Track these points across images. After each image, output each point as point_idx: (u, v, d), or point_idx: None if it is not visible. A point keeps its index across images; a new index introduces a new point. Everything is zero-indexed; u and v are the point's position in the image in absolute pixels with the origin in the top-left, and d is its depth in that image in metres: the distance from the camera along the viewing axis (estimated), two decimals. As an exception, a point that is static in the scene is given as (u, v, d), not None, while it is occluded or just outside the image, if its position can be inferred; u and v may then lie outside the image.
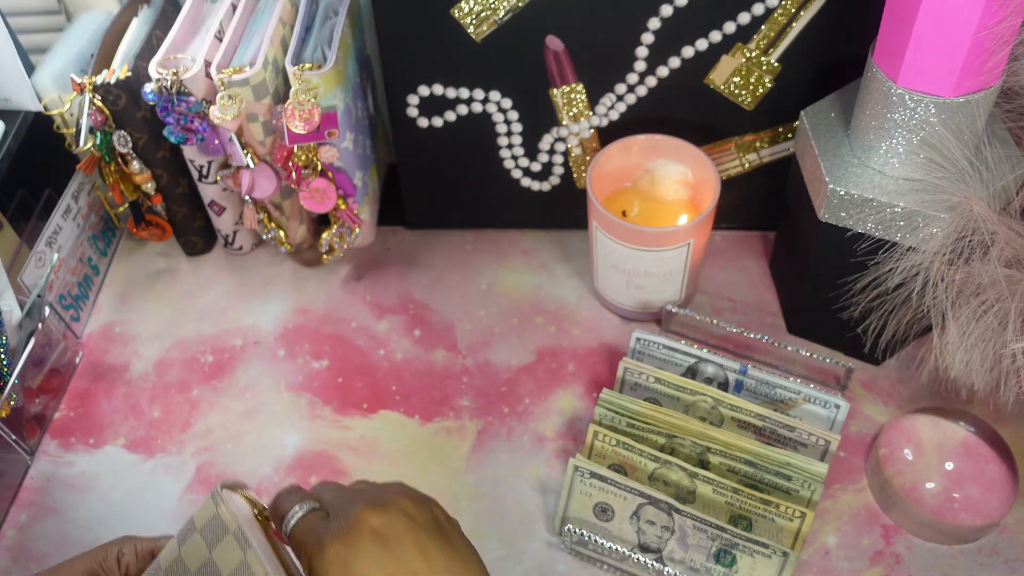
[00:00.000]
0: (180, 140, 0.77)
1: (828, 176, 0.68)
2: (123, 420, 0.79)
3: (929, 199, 0.65)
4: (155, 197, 0.85)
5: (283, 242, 0.85)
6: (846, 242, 0.69)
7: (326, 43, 0.75)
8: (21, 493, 0.75)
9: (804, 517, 0.63)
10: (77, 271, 0.86)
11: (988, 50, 0.60)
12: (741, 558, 0.63)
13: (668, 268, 0.77)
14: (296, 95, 0.72)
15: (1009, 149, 0.67)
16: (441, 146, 0.85)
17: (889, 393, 0.77)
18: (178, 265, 0.92)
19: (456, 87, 0.80)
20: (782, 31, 0.76)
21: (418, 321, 0.85)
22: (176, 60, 0.76)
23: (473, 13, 0.76)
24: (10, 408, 0.73)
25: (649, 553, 0.66)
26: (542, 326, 0.84)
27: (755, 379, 0.72)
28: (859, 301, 0.70)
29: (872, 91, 0.66)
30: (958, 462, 0.67)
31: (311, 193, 0.77)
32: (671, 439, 0.68)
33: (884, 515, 0.70)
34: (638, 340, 0.75)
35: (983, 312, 0.62)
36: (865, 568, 0.67)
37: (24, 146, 0.80)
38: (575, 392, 0.79)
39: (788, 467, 0.65)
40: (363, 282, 0.89)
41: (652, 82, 0.79)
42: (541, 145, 0.85)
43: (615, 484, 0.65)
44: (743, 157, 0.85)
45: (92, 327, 0.87)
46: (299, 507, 0.48)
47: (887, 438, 0.70)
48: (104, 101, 0.77)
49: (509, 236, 0.92)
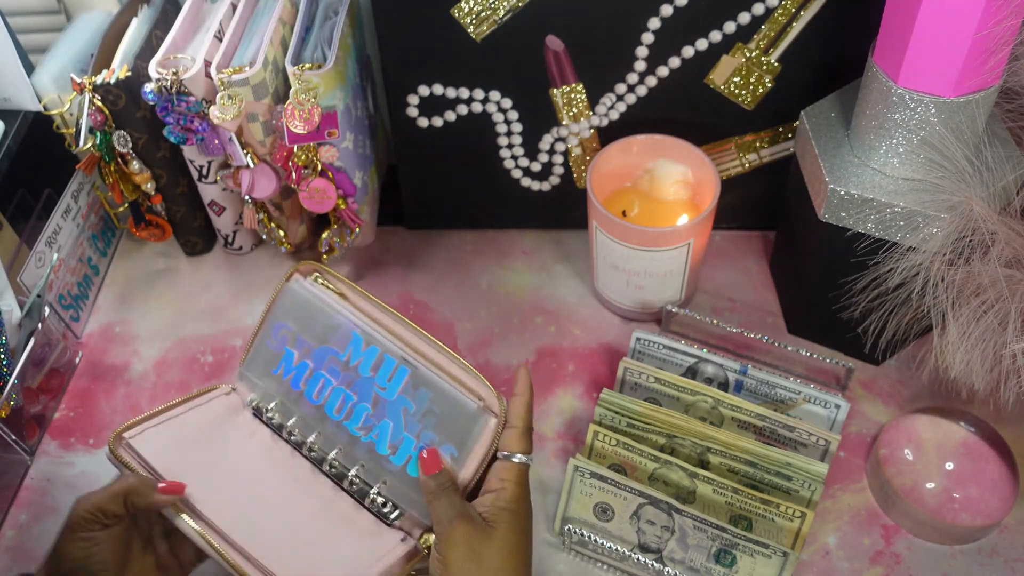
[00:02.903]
0: (180, 140, 0.77)
1: (828, 176, 0.68)
2: (123, 420, 0.79)
3: (929, 199, 0.65)
4: (155, 197, 0.85)
5: (283, 242, 0.85)
6: (846, 242, 0.69)
7: (326, 43, 0.75)
8: (21, 493, 0.75)
9: (804, 517, 0.63)
10: (77, 271, 0.86)
11: (988, 50, 0.60)
12: (741, 558, 0.63)
13: (668, 268, 0.77)
14: (296, 95, 0.72)
15: (1009, 149, 0.67)
16: (441, 146, 0.85)
17: (889, 393, 0.77)
18: (178, 265, 0.92)
19: (456, 87, 0.80)
20: (782, 31, 0.76)
21: (418, 321, 0.85)
22: (176, 60, 0.76)
23: (473, 13, 0.76)
24: (10, 408, 0.73)
25: (649, 553, 0.66)
26: (542, 326, 0.84)
27: (755, 379, 0.72)
28: (859, 301, 0.70)
29: (872, 91, 0.66)
30: (958, 462, 0.67)
31: (311, 193, 0.77)
32: (671, 439, 0.68)
33: (884, 515, 0.70)
34: (638, 340, 0.75)
35: (983, 312, 0.62)
36: (865, 568, 0.67)
37: (24, 146, 0.80)
38: (575, 392, 0.79)
39: (788, 467, 0.65)
40: (363, 282, 0.89)
41: (652, 82, 0.79)
42: (541, 145, 0.85)
43: (615, 484, 0.65)
44: (743, 157, 0.85)
45: (92, 327, 0.87)
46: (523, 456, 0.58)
47: (887, 438, 0.70)
48: (104, 101, 0.76)
49: (509, 236, 0.92)
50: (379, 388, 0.63)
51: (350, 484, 0.63)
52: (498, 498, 0.56)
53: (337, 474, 0.63)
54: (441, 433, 0.61)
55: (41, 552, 0.71)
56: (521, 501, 0.57)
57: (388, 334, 0.63)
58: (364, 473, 0.62)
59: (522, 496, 0.57)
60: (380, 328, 0.64)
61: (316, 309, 0.64)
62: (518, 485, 0.57)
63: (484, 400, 0.61)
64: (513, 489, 0.57)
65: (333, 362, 0.64)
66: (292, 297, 0.65)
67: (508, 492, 0.56)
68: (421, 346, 0.63)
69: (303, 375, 0.65)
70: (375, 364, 0.63)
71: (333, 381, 0.64)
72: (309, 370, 0.64)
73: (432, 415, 0.61)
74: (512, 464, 0.58)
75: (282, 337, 0.65)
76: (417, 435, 0.61)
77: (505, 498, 0.56)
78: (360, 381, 0.63)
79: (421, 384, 0.62)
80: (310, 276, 0.66)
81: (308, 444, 0.64)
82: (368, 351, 0.63)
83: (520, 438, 0.58)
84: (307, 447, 0.64)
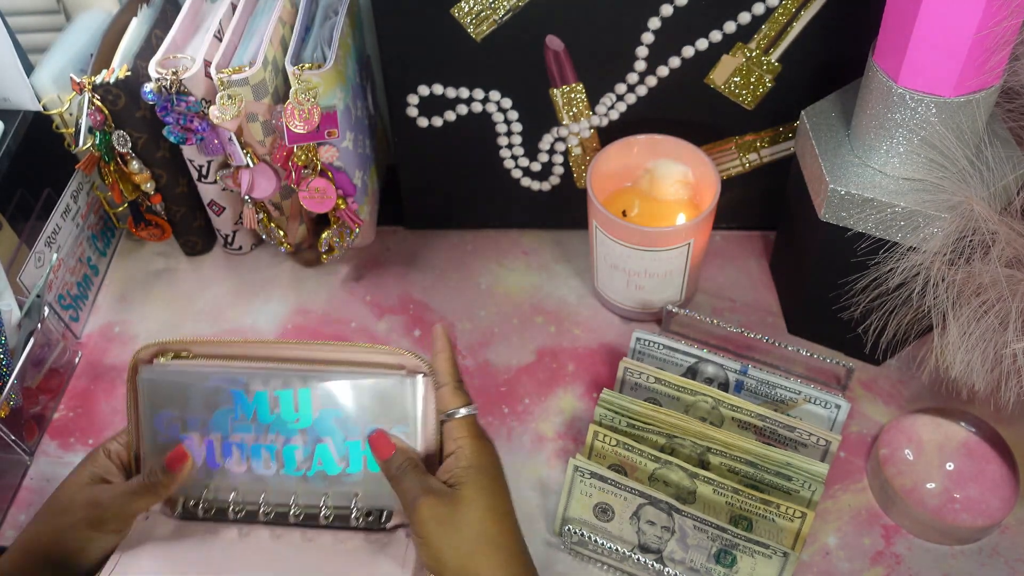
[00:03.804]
0: (180, 140, 0.77)
1: (828, 176, 0.68)
2: (123, 420, 0.79)
3: (930, 199, 0.65)
4: (154, 197, 0.85)
5: (283, 242, 0.85)
6: (846, 242, 0.69)
7: (326, 43, 0.75)
8: (20, 493, 0.75)
9: (804, 517, 0.63)
10: (76, 271, 0.86)
11: (989, 50, 0.60)
12: (742, 558, 0.63)
13: (668, 268, 0.77)
14: (296, 95, 0.72)
15: (1010, 149, 0.67)
16: (441, 146, 0.85)
17: (890, 393, 0.77)
18: (178, 265, 0.92)
19: (456, 87, 0.80)
20: (783, 31, 0.75)
21: (418, 321, 0.85)
22: (176, 60, 0.76)
23: (473, 13, 0.75)
24: (9, 408, 0.73)
25: (649, 553, 0.66)
26: (542, 326, 0.84)
27: (755, 379, 0.72)
28: (859, 301, 0.70)
29: (872, 91, 0.66)
30: (959, 462, 0.67)
31: (311, 193, 0.77)
32: (671, 439, 0.68)
33: (885, 515, 0.70)
34: (638, 340, 0.75)
35: (984, 312, 0.62)
36: (866, 568, 0.67)
37: (23, 146, 0.80)
38: (575, 392, 0.79)
39: (788, 467, 0.65)
40: (363, 282, 0.89)
41: (652, 82, 0.79)
42: (541, 145, 0.85)
43: (615, 484, 0.65)
44: (743, 157, 0.85)
45: (91, 327, 0.87)
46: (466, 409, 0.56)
47: (888, 438, 0.70)
48: (103, 101, 0.76)
49: (509, 236, 0.92)
50: (293, 422, 0.58)
51: (327, 519, 0.59)
52: (457, 459, 0.54)
53: (309, 517, 0.59)
54: (382, 420, 0.57)
55: (40, 552, 0.71)
56: (482, 453, 0.54)
57: (268, 365, 0.58)
58: (333, 500, 0.59)
59: (481, 448, 0.55)
60: (254, 366, 0.58)
61: (185, 385, 0.58)
62: (473, 438, 0.55)
63: (405, 367, 0.57)
64: (469, 444, 0.54)
65: (235, 423, 0.58)
66: (154, 387, 0.58)
67: (465, 449, 0.54)
68: (313, 354, 0.59)
69: (214, 452, 0.59)
70: (271, 404, 0.58)
71: (247, 441, 0.58)
72: (217, 442, 0.59)
73: (364, 409, 0.57)
74: (458, 421, 0.55)
75: (171, 427, 0.59)
76: (361, 435, 0.58)
77: (465, 456, 0.54)
78: (271, 426, 0.58)
79: (331, 391, 0.57)
80: (157, 359, 0.59)
81: (262, 511, 0.59)
82: (257, 397, 0.58)
83: (454, 393, 0.56)
84: (262, 513, 0.59)
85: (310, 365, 0.58)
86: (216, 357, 0.59)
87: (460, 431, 0.55)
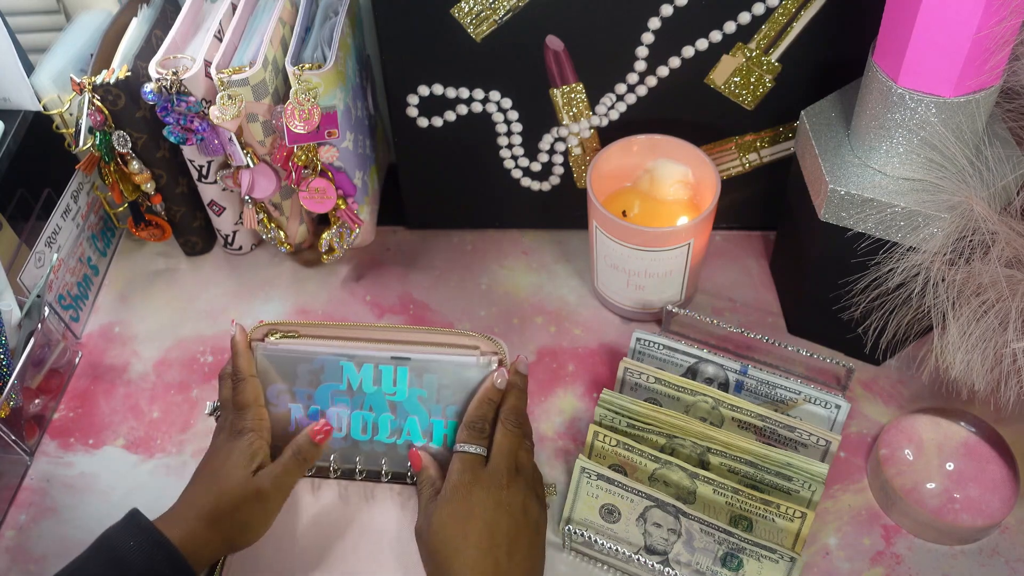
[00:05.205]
0: (180, 140, 0.77)
1: (828, 176, 0.68)
2: (122, 420, 0.79)
3: (929, 199, 0.65)
4: (155, 197, 0.85)
5: (283, 242, 0.85)
6: (846, 242, 0.69)
7: (326, 43, 0.75)
8: (20, 493, 0.75)
9: (804, 517, 0.63)
10: (76, 271, 0.86)
11: (988, 50, 0.60)
12: (748, 562, 0.63)
13: (668, 268, 0.77)
14: (296, 95, 0.72)
15: (1010, 149, 0.67)
16: (441, 146, 0.85)
17: (890, 393, 0.77)
18: (178, 265, 0.92)
19: (456, 87, 0.80)
20: (782, 31, 0.75)
21: (418, 321, 0.85)
22: (176, 60, 0.76)
23: (473, 13, 0.75)
24: (9, 408, 0.73)
25: (655, 555, 0.66)
26: (542, 326, 0.84)
27: (755, 379, 0.72)
28: (859, 301, 0.70)
29: (872, 91, 0.66)
30: (959, 462, 0.67)
31: (311, 193, 0.77)
32: (671, 439, 0.68)
33: (885, 515, 0.70)
34: (638, 340, 0.75)
35: (984, 312, 0.62)
36: (866, 568, 0.67)
37: (23, 146, 0.80)
38: (575, 392, 0.79)
39: (788, 467, 0.65)
40: (363, 282, 0.89)
41: (652, 82, 0.79)
42: (541, 145, 0.85)
43: (622, 486, 0.65)
44: (743, 157, 0.85)
45: (91, 327, 0.87)
46: (476, 448, 0.63)
47: (888, 438, 0.70)
48: (103, 101, 0.76)
49: (509, 236, 0.92)
50: (389, 396, 0.67)
51: (410, 478, 0.68)
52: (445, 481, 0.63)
53: (396, 475, 0.69)
54: (460, 400, 0.66)
55: (40, 552, 0.71)
56: (460, 486, 0.61)
57: (367, 345, 0.67)
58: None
59: (461, 482, 0.61)
60: (357, 345, 0.67)
61: (295, 362, 0.67)
62: (455, 478, 0.62)
63: (480, 347, 0.66)
64: (452, 480, 0.62)
65: (337, 394, 0.67)
66: (266, 363, 0.67)
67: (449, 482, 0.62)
68: (403, 337, 0.67)
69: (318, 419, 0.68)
70: (374, 378, 0.67)
71: (347, 410, 0.67)
72: (320, 413, 0.67)
73: (446, 389, 0.66)
74: (459, 455, 0.63)
75: (281, 399, 0.67)
76: (443, 414, 0.66)
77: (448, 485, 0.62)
78: (369, 397, 0.67)
79: (423, 371, 0.66)
80: (268, 337, 0.68)
81: (357, 470, 0.68)
82: (363, 370, 0.66)
83: (480, 432, 0.64)
84: (358, 472, 0.68)
85: (402, 346, 0.67)
86: (321, 337, 0.68)
87: (456, 464, 0.62)
